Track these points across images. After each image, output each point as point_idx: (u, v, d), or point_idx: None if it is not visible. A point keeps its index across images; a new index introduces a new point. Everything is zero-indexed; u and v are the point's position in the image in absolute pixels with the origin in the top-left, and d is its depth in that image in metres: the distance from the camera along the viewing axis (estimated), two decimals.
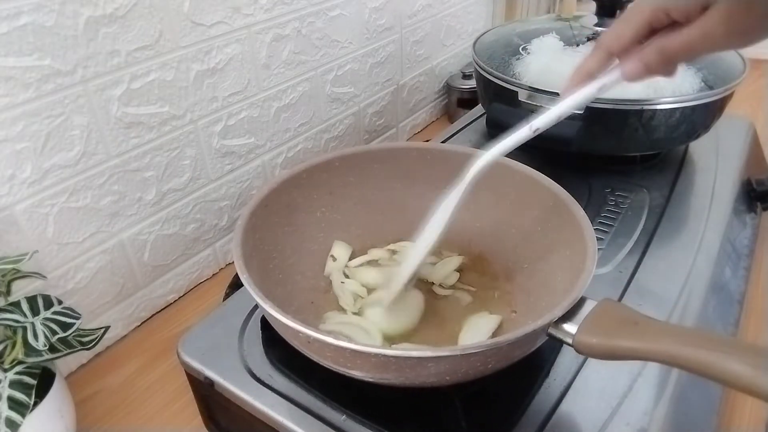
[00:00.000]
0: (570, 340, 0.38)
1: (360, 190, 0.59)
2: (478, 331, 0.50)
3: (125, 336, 0.67)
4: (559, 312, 0.38)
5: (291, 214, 0.55)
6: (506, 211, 0.56)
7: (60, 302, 0.49)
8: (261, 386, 0.47)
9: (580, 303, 0.39)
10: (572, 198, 0.49)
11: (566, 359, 0.48)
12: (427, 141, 0.83)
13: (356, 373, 0.40)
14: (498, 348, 0.37)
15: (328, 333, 0.37)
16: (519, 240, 0.55)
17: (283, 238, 0.54)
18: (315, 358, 0.41)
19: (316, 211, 0.58)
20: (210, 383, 0.49)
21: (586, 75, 0.43)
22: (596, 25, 0.79)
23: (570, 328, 0.38)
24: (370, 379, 0.40)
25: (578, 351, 0.38)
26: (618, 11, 0.78)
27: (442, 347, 0.37)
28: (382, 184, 0.60)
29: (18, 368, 0.45)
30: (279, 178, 0.54)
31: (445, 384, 0.39)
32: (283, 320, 0.38)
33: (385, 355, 0.36)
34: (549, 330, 0.38)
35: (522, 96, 0.70)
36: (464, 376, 0.38)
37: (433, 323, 0.52)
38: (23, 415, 0.43)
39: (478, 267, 0.58)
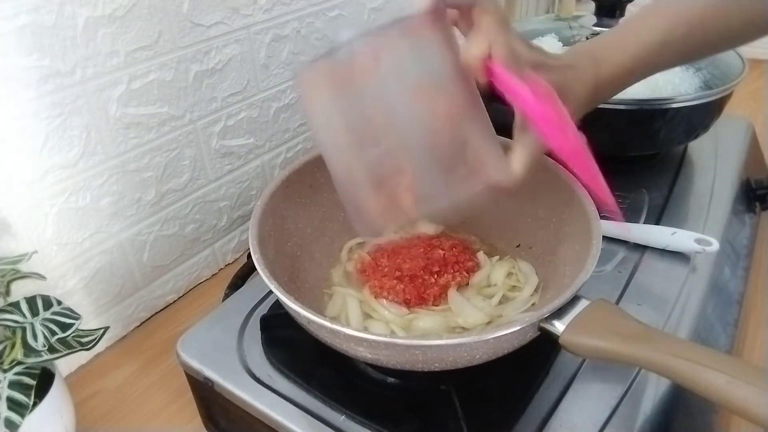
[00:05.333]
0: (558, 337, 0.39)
1: None
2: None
3: (125, 336, 0.67)
4: (547, 311, 0.39)
5: (314, 194, 0.57)
6: (523, 200, 0.56)
7: (59, 303, 0.49)
8: (260, 386, 0.47)
9: (573, 301, 0.40)
10: (588, 196, 0.47)
11: (566, 359, 0.48)
12: None
13: (350, 351, 0.41)
14: (484, 341, 0.38)
15: (325, 317, 0.39)
16: (533, 229, 0.55)
17: (304, 217, 0.56)
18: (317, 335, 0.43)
19: None
20: (209, 383, 0.49)
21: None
22: (595, 25, 0.79)
23: (559, 325, 0.39)
24: (361, 357, 0.42)
25: (564, 349, 0.39)
26: (617, 11, 0.77)
27: (431, 337, 0.39)
28: None
29: (17, 369, 0.45)
30: (301, 161, 0.55)
31: (436, 370, 0.40)
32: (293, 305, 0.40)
33: (375, 341, 0.38)
34: (541, 325, 0.39)
35: None
36: (452, 365, 0.40)
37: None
38: (23, 416, 0.43)
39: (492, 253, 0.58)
